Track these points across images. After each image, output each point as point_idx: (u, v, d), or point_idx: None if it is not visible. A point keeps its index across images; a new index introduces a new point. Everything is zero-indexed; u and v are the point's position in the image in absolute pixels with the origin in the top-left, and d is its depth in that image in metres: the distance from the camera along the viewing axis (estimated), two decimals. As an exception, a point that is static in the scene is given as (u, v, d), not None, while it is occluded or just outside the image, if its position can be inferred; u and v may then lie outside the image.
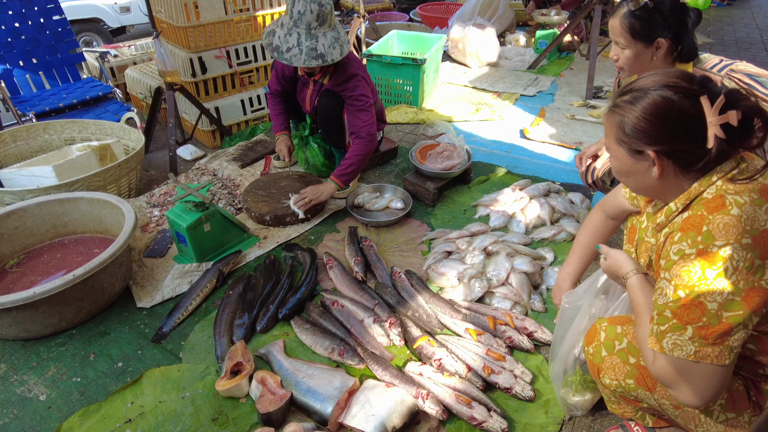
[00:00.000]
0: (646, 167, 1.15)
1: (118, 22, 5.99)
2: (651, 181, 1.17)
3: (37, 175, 2.49)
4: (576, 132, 3.48)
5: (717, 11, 6.99)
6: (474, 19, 4.78)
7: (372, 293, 2.08)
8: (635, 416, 1.48)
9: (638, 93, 1.10)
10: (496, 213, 2.56)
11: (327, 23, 2.29)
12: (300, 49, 2.27)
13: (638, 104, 1.09)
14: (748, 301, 1.02)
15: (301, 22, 2.25)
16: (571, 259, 1.75)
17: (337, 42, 2.32)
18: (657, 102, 1.07)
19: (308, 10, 2.23)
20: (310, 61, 2.28)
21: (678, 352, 1.05)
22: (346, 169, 2.51)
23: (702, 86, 1.07)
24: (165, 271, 2.25)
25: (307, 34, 2.27)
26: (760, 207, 1.05)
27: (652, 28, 1.72)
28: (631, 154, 1.15)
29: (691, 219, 1.09)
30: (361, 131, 2.51)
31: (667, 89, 1.07)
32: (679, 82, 1.07)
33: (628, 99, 1.12)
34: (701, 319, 1.03)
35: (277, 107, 2.84)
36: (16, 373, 1.81)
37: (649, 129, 1.09)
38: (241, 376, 1.68)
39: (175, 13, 3.06)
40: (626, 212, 1.55)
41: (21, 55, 3.45)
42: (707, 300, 1.03)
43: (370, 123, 2.52)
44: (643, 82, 1.12)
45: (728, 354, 1.03)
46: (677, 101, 1.06)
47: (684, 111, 1.06)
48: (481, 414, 1.57)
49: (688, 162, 1.11)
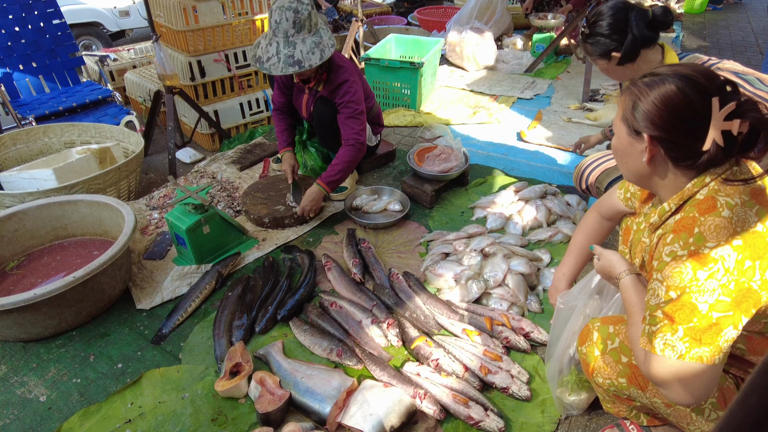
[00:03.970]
0: (640, 151, 1.16)
1: (118, 26, 6.01)
2: (641, 167, 1.18)
3: (37, 178, 2.51)
4: (573, 135, 3.50)
5: (713, 14, 7.03)
6: (471, 23, 4.81)
7: (370, 294, 2.10)
8: (630, 415, 1.49)
9: (657, 78, 1.12)
10: (493, 215, 2.58)
11: (306, 29, 2.28)
12: (278, 58, 2.28)
13: (654, 88, 1.11)
14: (738, 302, 1.04)
15: (279, 31, 2.27)
16: (567, 260, 1.77)
17: (318, 47, 2.31)
18: (670, 90, 1.08)
19: (284, 18, 2.24)
20: (287, 68, 2.27)
21: (669, 351, 1.06)
22: (333, 175, 2.52)
23: (719, 89, 1.07)
24: (164, 273, 2.26)
25: (285, 42, 2.28)
26: (750, 209, 1.07)
27: (602, 48, 1.92)
28: (629, 133, 1.17)
29: (683, 221, 1.11)
30: (350, 139, 2.52)
31: (685, 81, 1.08)
32: (698, 77, 1.08)
33: (647, 81, 1.13)
34: (692, 320, 1.04)
35: (281, 123, 2.81)
36: (16, 375, 1.83)
37: (654, 113, 1.10)
38: (240, 377, 1.70)
39: (174, 16, 3.08)
40: (621, 213, 1.57)
41: (21, 59, 3.47)
42: (698, 301, 1.04)
43: (358, 131, 2.52)
44: (666, 69, 1.13)
45: (719, 354, 1.05)
46: (689, 94, 1.07)
47: (692, 106, 1.07)
48: (478, 413, 1.59)
49: (678, 156, 1.12)
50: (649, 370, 1.11)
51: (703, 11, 7.13)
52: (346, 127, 2.53)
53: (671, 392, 1.09)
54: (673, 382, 1.07)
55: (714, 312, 1.03)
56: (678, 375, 1.06)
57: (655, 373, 1.09)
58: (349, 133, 2.52)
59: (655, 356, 1.08)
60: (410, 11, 6.32)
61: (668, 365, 1.07)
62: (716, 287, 1.03)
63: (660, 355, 1.07)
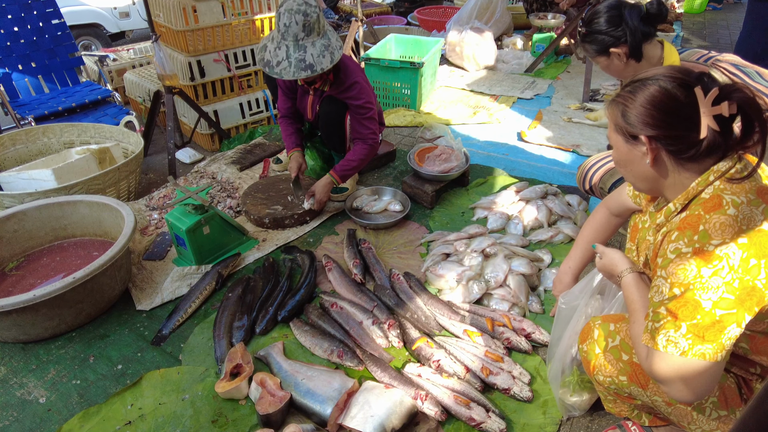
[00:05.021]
0: (641, 155, 1.17)
1: (118, 27, 6.00)
2: (646, 170, 1.19)
3: (37, 178, 2.50)
4: (573, 135, 3.49)
5: (712, 14, 7.03)
6: (471, 23, 4.80)
7: (371, 295, 2.09)
8: (632, 415, 1.49)
9: (638, 84, 1.16)
10: (493, 215, 2.58)
11: (315, 32, 2.27)
12: (289, 62, 2.26)
13: (637, 93, 1.14)
14: (742, 300, 1.04)
15: (288, 34, 2.24)
16: (574, 254, 1.79)
17: (327, 50, 2.30)
18: (654, 90, 1.12)
19: (293, 22, 2.21)
20: (299, 72, 2.26)
21: (672, 348, 1.06)
22: (347, 167, 2.60)
23: (698, 79, 1.11)
24: (164, 274, 2.25)
25: (295, 45, 2.25)
26: (756, 207, 1.07)
27: (600, 45, 1.94)
28: (626, 141, 1.19)
29: (689, 218, 1.11)
30: (368, 138, 2.61)
31: (665, 80, 1.12)
32: (675, 74, 1.12)
33: (629, 89, 1.17)
34: (695, 317, 1.04)
35: (288, 128, 2.79)
36: (15, 376, 1.82)
37: (643, 114, 1.13)
38: (240, 378, 1.69)
39: (173, 16, 3.07)
40: (629, 210, 1.57)
41: (20, 59, 3.47)
42: (702, 298, 1.04)
43: (375, 130, 2.63)
44: (644, 75, 1.17)
45: (721, 351, 1.05)
46: (672, 90, 1.10)
47: (677, 99, 1.10)
48: (479, 415, 1.58)
49: (679, 149, 1.13)
50: (651, 367, 1.11)
51: (703, 11, 7.13)
52: (363, 128, 2.59)
53: (672, 389, 1.09)
54: (675, 378, 1.07)
55: (717, 309, 1.04)
56: (680, 372, 1.06)
57: (657, 370, 1.09)
58: (366, 133, 2.60)
59: (657, 353, 1.09)
60: (410, 11, 6.32)
61: (671, 362, 1.07)
62: (720, 284, 1.03)
63: (663, 352, 1.08)
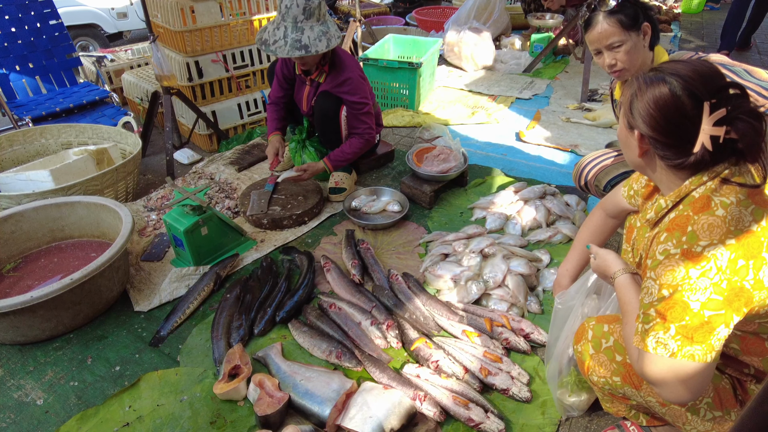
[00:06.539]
0: (635, 144, 1.18)
1: (115, 27, 5.99)
2: (637, 159, 1.21)
3: (34, 179, 2.50)
4: (571, 135, 3.50)
5: (710, 14, 7.04)
6: (470, 23, 4.81)
7: (369, 296, 2.09)
8: (629, 415, 1.49)
9: (658, 74, 1.11)
10: (492, 215, 2.58)
11: (315, 17, 2.34)
12: (285, 41, 2.33)
13: (650, 87, 1.10)
14: (730, 301, 1.04)
15: (288, 15, 2.32)
16: (571, 256, 1.79)
17: (325, 36, 2.36)
18: (664, 92, 1.08)
19: (294, 4, 2.30)
20: (293, 51, 2.32)
21: (661, 350, 1.06)
22: (341, 157, 2.66)
23: (717, 91, 1.05)
24: (162, 275, 2.25)
25: (293, 27, 2.32)
26: (746, 208, 1.07)
27: (636, 16, 1.79)
28: (626, 126, 1.19)
29: (677, 219, 1.12)
30: (364, 133, 2.66)
31: (682, 82, 1.06)
32: (695, 80, 1.06)
33: (650, 76, 1.12)
34: (684, 318, 1.04)
35: (273, 114, 2.85)
36: (13, 378, 1.81)
37: (645, 112, 1.11)
38: (238, 379, 1.69)
39: (171, 17, 3.07)
40: (625, 211, 1.58)
41: (17, 60, 3.46)
42: (690, 299, 1.04)
43: (371, 126, 2.68)
44: (669, 66, 1.11)
45: (711, 352, 1.05)
46: (681, 98, 1.06)
47: (682, 110, 1.06)
48: (478, 415, 1.58)
49: (666, 155, 1.13)
50: (642, 369, 1.11)
51: (700, 11, 7.14)
52: (360, 123, 2.64)
53: (664, 390, 1.09)
54: (666, 380, 1.07)
55: (706, 310, 1.04)
56: (670, 373, 1.06)
57: (647, 372, 1.09)
58: (363, 128, 2.66)
59: (647, 354, 1.09)
60: (408, 11, 6.31)
61: (660, 363, 1.07)
62: (708, 285, 1.03)
63: (652, 353, 1.08)
